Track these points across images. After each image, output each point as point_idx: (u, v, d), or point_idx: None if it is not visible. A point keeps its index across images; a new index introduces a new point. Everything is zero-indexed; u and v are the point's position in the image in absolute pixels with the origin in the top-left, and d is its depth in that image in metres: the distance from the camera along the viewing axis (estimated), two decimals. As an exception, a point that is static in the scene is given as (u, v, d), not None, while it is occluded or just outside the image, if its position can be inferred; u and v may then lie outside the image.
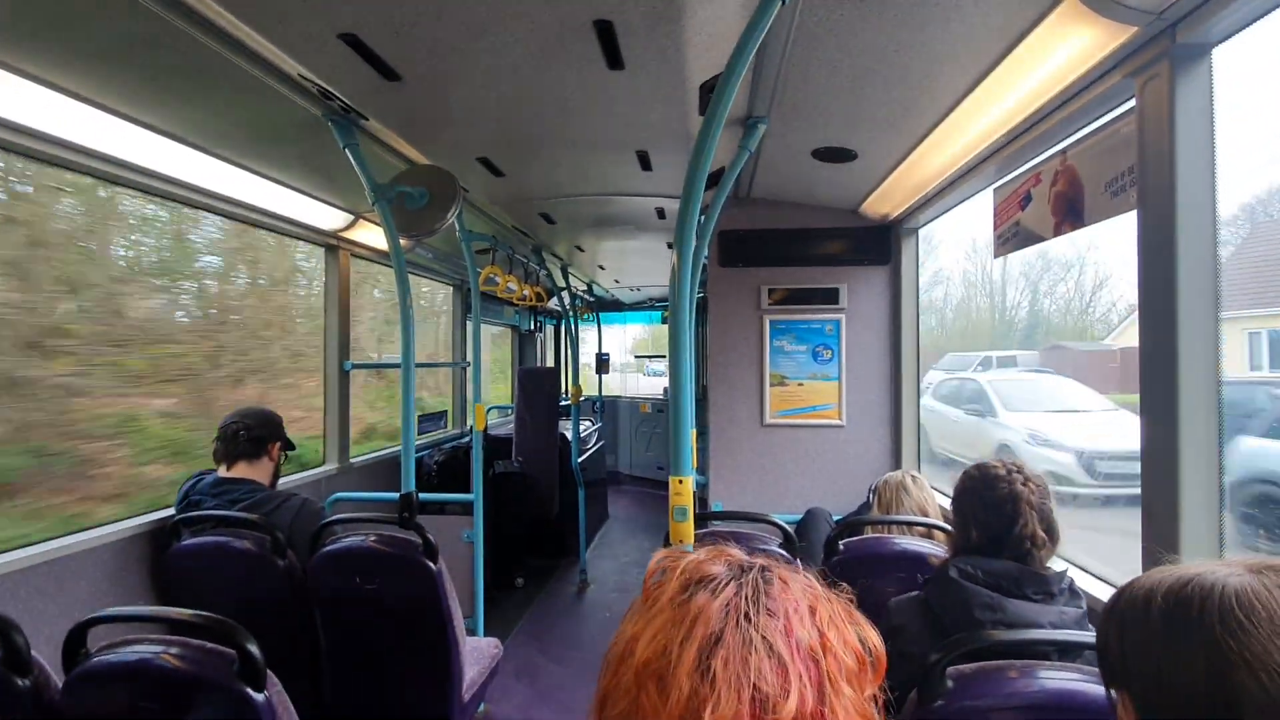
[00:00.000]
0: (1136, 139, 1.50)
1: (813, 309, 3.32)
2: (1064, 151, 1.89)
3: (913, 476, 2.30)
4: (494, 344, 6.95)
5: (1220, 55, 1.41)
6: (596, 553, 5.56)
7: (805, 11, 1.53)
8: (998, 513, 1.37)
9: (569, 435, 4.93)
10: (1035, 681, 1.16)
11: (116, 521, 2.21)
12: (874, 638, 0.59)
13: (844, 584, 0.62)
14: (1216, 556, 1.40)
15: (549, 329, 8.01)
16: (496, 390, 6.86)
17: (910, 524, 2.11)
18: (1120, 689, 0.77)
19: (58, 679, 1.33)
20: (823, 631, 0.55)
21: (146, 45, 1.58)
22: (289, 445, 2.47)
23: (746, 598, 0.55)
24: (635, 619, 0.58)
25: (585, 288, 6.80)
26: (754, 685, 0.50)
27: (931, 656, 1.15)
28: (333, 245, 3.38)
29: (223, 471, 2.30)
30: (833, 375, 3.30)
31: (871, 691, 0.57)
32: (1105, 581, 1.91)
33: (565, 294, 5.18)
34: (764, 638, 0.53)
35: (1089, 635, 1.28)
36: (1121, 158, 1.62)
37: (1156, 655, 0.72)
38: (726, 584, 0.57)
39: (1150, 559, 1.48)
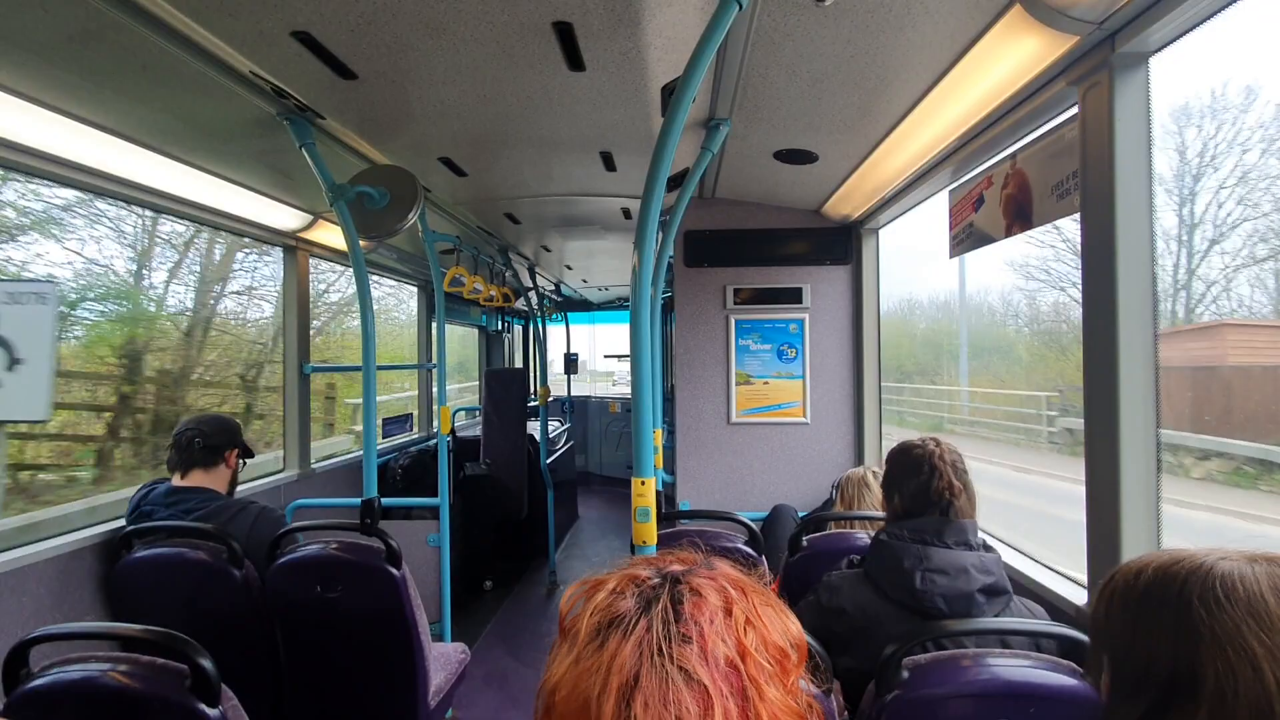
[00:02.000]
0: (1079, 144, 1.56)
1: (777, 308, 3.36)
2: (1014, 156, 1.95)
3: (874, 472, 2.35)
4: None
5: (1157, 63, 1.47)
6: (566, 554, 5.54)
7: (763, 16, 1.55)
8: (915, 472, 1.51)
9: (537, 436, 4.91)
10: (988, 670, 1.20)
11: (62, 534, 2.12)
12: (793, 627, 0.59)
13: (766, 570, 0.62)
14: (1155, 538, 1.47)
15: (517, 329, 7.95)
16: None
17: (872, 519, 2.16)
18: (1105, 655, 0.79)
19: None
20: (740, 639, 0.55)
21: (88, 40, 1.52)
22: (247, 453, 2.40)
23: (658, 632, 0.54)
24: (556, 661, 0.57)
25: (553, 287, 6.76)
26: (677, 718, 0.50)
27: (887, 649, 1.18)
28: (291, 246, 3.30)
29: (177, 480, 2.23)
30: (797, 374, 3.35)
31: (795, 679, 0.57)
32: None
33: (532, 294, 5.15)
34: (681, 668, 0.52)
35: (1041, 624, 1.33)
36: (1066, 162, 1.68)
37: (1132, 622, 0.74)
38: (637, 621, 0.55)
39: (1094, 548, 1.54)
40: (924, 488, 1.49)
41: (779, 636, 0.57)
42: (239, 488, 2.41)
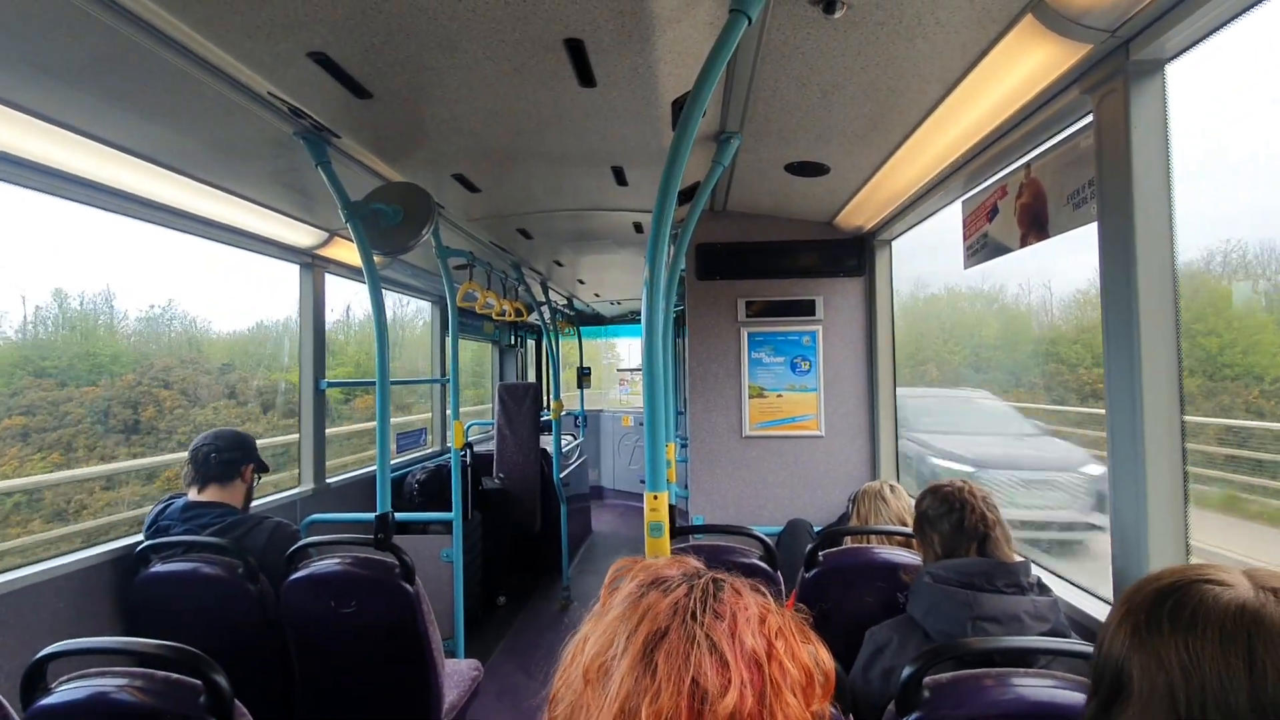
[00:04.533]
0: (1095, 153, 1.55)
1: (790, 321, 3.34)
2: (1028, 165, 1.93)
3: (890, 486, 2.32)
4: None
5: (1173, 70, 1.46)
6: (579, 569, 5.51)
7: (772, 30, 1.55)
8: (948, 509, 1.52)
9: (550, 450, 4.90)
10: (1011, 690, 1.17)
11: (80, 550, 2.15)
12: (825, 656, 0.60)
13: (803, 605, 0.63)
14: (1183, 552, 1.43)
15: (530, 343, 7.99)
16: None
17: (889, 534, 2.12)
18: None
19: (16, 716, 1.28)
20: (770, 640, 0.56)
21: (112, 64, 1.56)
22: (263, 467, 2.42)
23: (696, 599, 0.57)
24: (590, 621, 0.60)
25: (565, 302, 6.79)
26: (693, 679, 0.52)
27: (907, 668, 1.15)
28: (308, 263, 3.35)
29: (193, 495, 2.25)
30: (811, 386, 3.33)
31: (819, 708, 0.58)
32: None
33: (545, 308, 5.17)
34: (708, 636, 0.54)
35: (1067, 642, 1.29)
36: (1082, 171, 1.66)
37: (1123, 640, 0.75)
38: (678, 585, 0.59)
39: (1119, 565, 1.50)
40: (958, 524, 1.49)
41: (808, 657, 0.58)
42: (254, 502, 2.43)
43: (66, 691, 1.26)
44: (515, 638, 4.14)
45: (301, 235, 3.10)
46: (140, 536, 2.23)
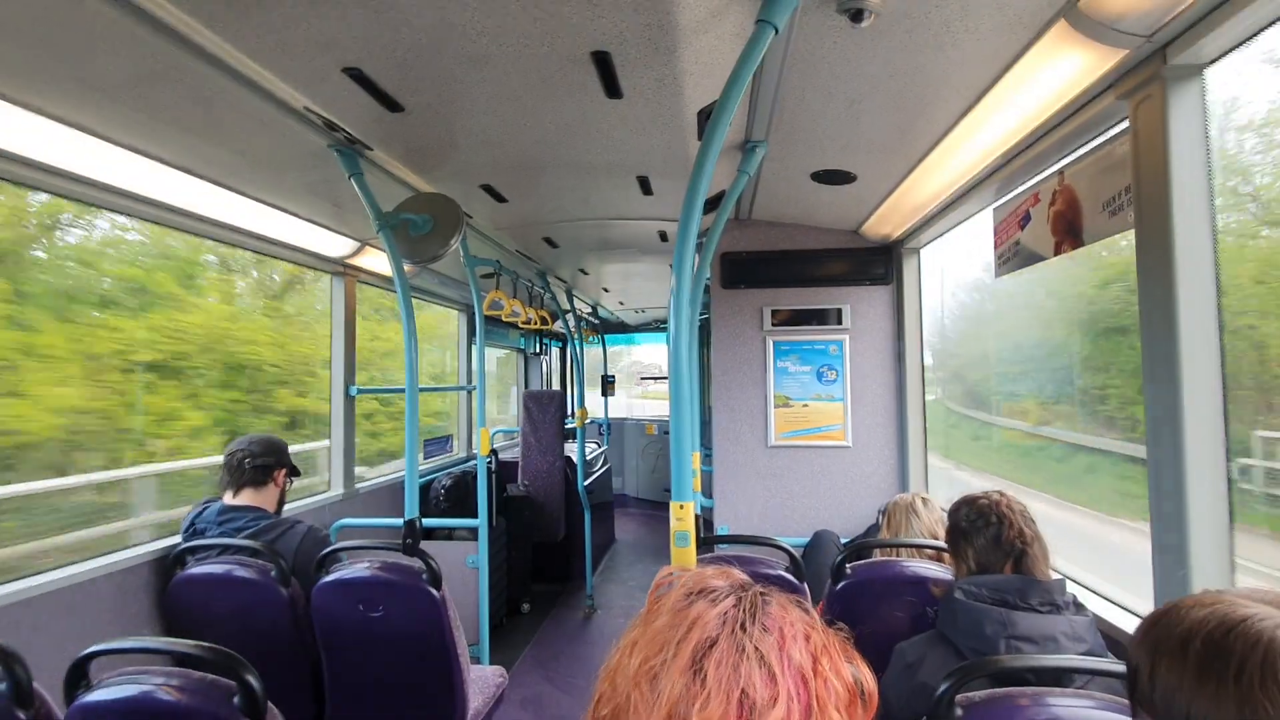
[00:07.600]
0: (1131, 159, 1.51)
1: (816, 329, 3.32)
2: (1061, 171, 1.90)
3: (923, 499, 2.27)
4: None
5: (1213, 75, 1.42)
6: (603, 577, 5.50)
7: (799, 40, 1.55)
8: (984, 524, 1.46)
9: (574, 458, 4.92)
10: (1047, 710, 1.14)
11: (120, 550, 2.21)
12: (867, 675, 0.60)
13: (842, 624, 0.62)
14: (1228, 570, 1.38)
15: (554, 351, 8.03)
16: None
17: (919, 547, 2.08)
18: (1146, 714, 0.76)
19: (59, 711, 1.33)
20: (815, 657, 0.56)
21: (155, 81, 1.62)
22: (295, 472, 2.47)
23: (744, 610, 0.58)
24: (636, 626, 0.61)
25: (590, 310, 6.83)
26: (743, 690, 0.52)
27: (940, 685, 1.13)
28: (340, 272, 3.42)
29: (228, 499, 2.30)
30: (838, 396, 3.29)
31: None
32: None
33: (570, 316, 5.20)
34: (757, 648, 0.55)
35: (1105, 662, 1.26)
36: (1118, 177, 1.63)
37: (1188, 698, 0.70)
38: (726, 596, 0.59)
39: (1161, 573, 1.46)
40: (995, 539, 1.44)
41: (850, 677, 0.58)
42: (285, 506, 2.49)
43: (107, 689, 1.29)
44: (539, 646, 4.15)
45: (334, 245, 3.17)
46: (178, 538, 2.29)
